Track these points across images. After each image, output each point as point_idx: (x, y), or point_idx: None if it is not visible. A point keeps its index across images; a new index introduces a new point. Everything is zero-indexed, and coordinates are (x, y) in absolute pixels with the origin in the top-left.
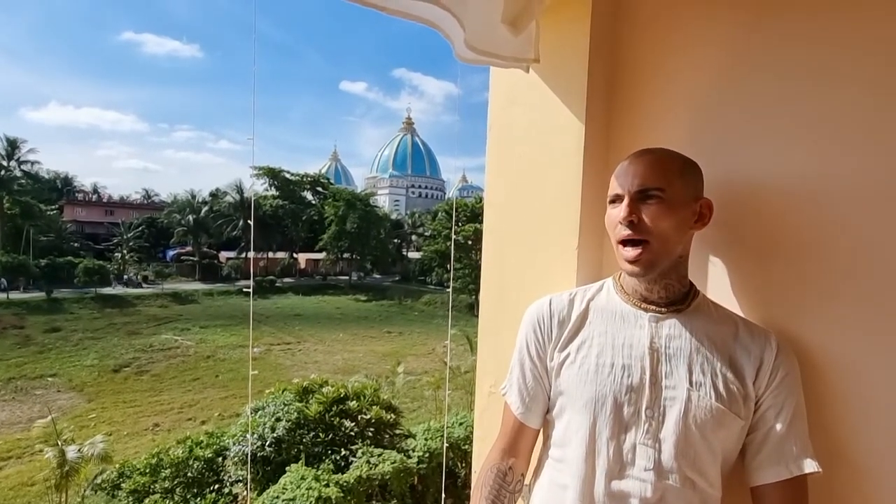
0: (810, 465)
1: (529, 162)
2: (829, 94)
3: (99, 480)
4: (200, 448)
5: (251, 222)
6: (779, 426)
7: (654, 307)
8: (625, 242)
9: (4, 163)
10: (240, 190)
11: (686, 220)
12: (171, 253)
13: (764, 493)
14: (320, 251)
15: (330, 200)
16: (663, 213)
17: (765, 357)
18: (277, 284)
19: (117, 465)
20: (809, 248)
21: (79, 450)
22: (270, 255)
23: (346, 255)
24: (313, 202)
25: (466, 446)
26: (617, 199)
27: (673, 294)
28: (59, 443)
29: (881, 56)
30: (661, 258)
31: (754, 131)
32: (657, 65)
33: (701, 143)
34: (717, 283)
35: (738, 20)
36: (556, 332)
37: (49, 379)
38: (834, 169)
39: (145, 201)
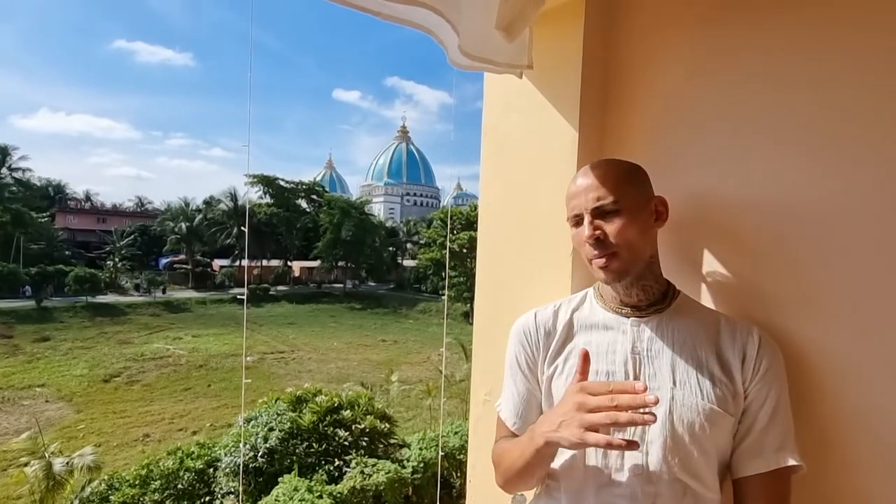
0: (791, 458)
1: (524, 169)
2: (818, 103)
3: (87, 493)
4: (191, 459)
5: (245, 229)
6: (761, 418)
7: (634, 311)
8: (594, 257)
9: None
10: (234, 198)
11: (646, 222)
12: (163, 261)
13: (744, 486)
14: (315, 259)
15: (325, 208)
16: (624, 224)
17: (748, 350)
18: (271, 292)
19: (106, 477)
20: (793, 249)
21: (67, 462)
22: (265, 262)
23: (340, 263)
24: (308, 210)
25: (461, 456)
26: (578, 218)
27: (651, 295)
28: (47, 455)
29: (864, 68)
30: (632, 264)
31: (745, 139)
32: (650, 74)
33: (693, 150)
34: (702, 283)
35: (728, 30)
36: (544, 344)
37: (37, 389)
38: (818, 174)
39: (138, 209)
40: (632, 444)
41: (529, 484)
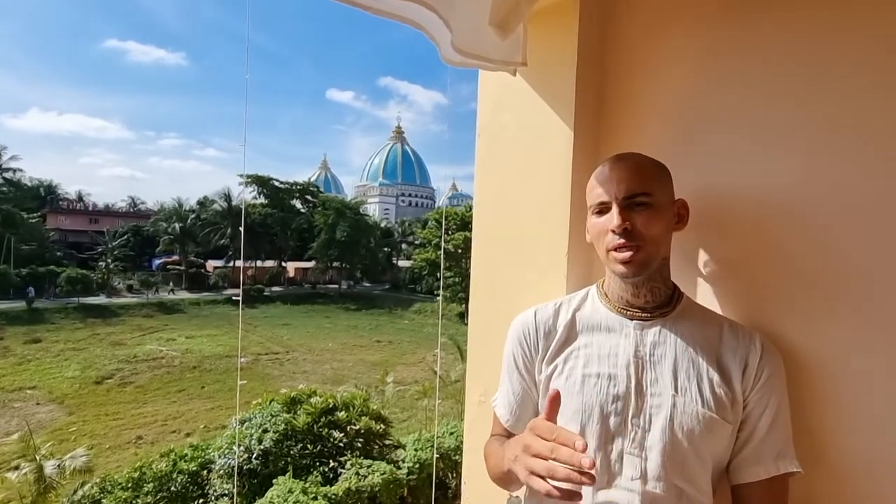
0: (790, 465)
1: (518, 168)
2: (812, 104)
3: (79, 496)
4: (185, 461)
5: (241, 230)
6: (761, 426)
7: (639, 313)
8: (616, 248)
9: None
10: (228, 198)
11: (670, 221)
12: (157, 262)
13: (743, 492)
14: (310, 260)
15: (320, 209)
16: (653, 218)
17: (750, 358)
18: (266, 293)
19: (98, 480)
20: (794, 251)
21: (58, 464)
22: (259, 263)
23: (335, 264)
24: (303, 210)
25: (457, 456)
26: (603, 207)
27: (658, 297)
28: (38, 457)
29: (865, 67)
30: (653, 260)
31: (741, 139)
32: (645, 72)
33: (688, 149)
34: (703, 286)
35: (724, 31)
36: (543, 344)
37: (28, 391)
38: (817, 175)
39: (131, 209)
40: (573, 496)
41: (510, 488)
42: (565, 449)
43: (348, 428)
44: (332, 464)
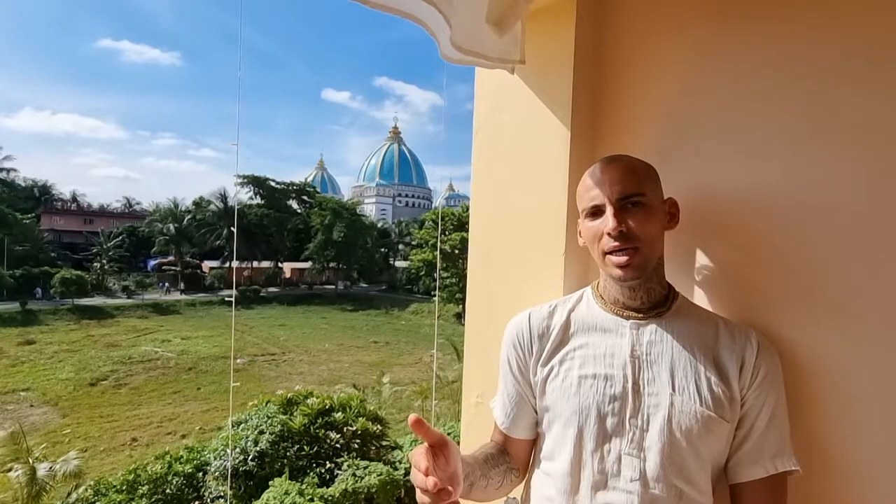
0: (788, 464)
1: (515, 168)
2: (813, 105)
3: (73, 498)
4: (180, 463)
5: (234, 230)
6: (759, 425)
7: (635, 313)
8: (613, 251)
9: None
10: (224, 198)
11: (663, 221)
12: (152, 263)
13: (742, 491)
14: (306, 260)
15: (316, 209)
16: (647, 218)
17: (746, 356)
18: (262, 294)
19: (92, 483)
20: (789, 250)
21: (50, 467)
22: (255, 264)
23: (332, 265)
24: (299, 211)
25: None
26: (596, 210)
27: (654, 298)
28: (31, 460)
29: (858, 69)
30: (650, 261)
31: (739, 141)
32: (642, 73)
33: (684, 149)
34: (698, 285)
35: (718, 35)
36: (537, 347)
37: (22, 393)
38: (814, 174)
39: (126, 210)
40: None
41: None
42: (416, 472)
43: (345, 429)
44: (328, 465)
